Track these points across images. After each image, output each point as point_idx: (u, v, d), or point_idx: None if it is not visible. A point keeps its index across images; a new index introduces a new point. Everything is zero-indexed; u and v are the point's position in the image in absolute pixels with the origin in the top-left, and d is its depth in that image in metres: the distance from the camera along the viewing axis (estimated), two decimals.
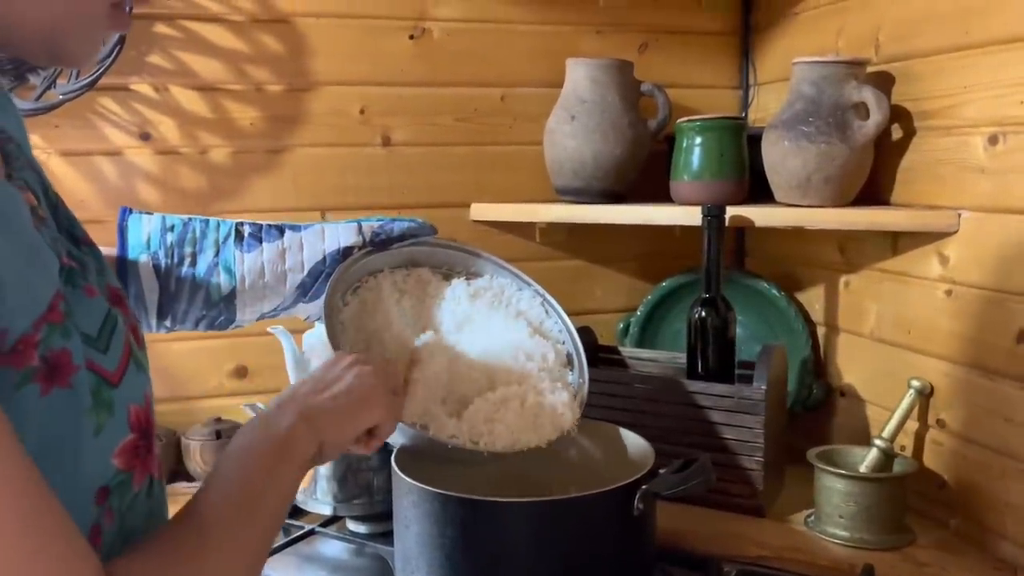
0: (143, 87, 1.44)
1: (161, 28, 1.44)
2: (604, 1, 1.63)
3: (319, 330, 1.28)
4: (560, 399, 1.00)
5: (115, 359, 0.58)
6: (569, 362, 1.09)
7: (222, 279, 0.95)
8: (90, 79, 1.33)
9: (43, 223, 0.59)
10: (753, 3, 1.69)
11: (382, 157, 1.56)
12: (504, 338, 1.05)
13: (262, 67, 1.49)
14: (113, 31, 0.62)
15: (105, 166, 1.44)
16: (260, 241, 0.97)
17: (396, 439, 0.97)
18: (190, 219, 0.96)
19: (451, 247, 1.13)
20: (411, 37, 1.56)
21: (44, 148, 1.39)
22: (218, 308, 0.95)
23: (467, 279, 1.11)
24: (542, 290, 1.14)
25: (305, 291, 0.99)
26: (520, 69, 1.61)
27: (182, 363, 1.49)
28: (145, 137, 1.45)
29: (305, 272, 0.98)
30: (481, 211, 1.60)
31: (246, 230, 0.97)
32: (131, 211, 0.96)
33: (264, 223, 0.99)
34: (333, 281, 0.98)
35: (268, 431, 0.68)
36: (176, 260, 0.94)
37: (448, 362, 0.98)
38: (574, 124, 1.49)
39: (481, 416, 0.96)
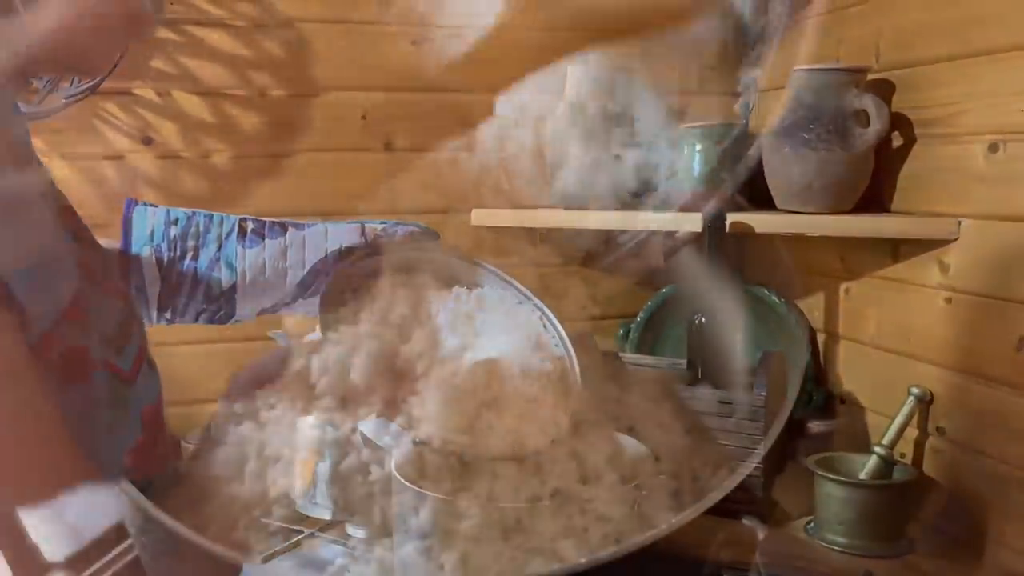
0: (146, 91, 1.45)
1: (164, 33, 1.44)
2: (605, 7, 1.63)
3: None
4: (550, 412, 1.01)
5: (130, 358, 0.59)
6: (564, 377, 1.09)
7: (223, 274, 0.95)
8: (93, 83, 1.33)
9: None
10: None
11: (384, 163, 1.56)
12: (500, 350, 1.05)
13: (264, 72, 1.49)
14: (132, 40, 0.62)
15: (107, 170, 1.44)
16: (263, 238, 0.97)
17: (396, 451, 0.97)
18: (194, 213, 0.97)
19: (452, 256, 1.13)
20: (413, 43, 1.56)
21: (46, 152, 1.39)
22: (218, 303, 0.96)
23: (467, 288, 1.11)
24: (540, 304, 1.14)
25: (305, 289, 0.99)
26: (521, 75, 1.61)
27: (183, 367, 1.48)
28: (147, 141, 1.45)
29: (306, 270, 0.99)
30: (482, 216, 1.60)
31: (249, 226, 0.98)
32: (136, 203, 0.96)
33: (267, 220, 1.00)
34: (331, 281, 0.98)
35: None
36: (178, 253, 0.94)
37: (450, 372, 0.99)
38: (575, 130, 1.49)
39: (478, 425, 0.97)
